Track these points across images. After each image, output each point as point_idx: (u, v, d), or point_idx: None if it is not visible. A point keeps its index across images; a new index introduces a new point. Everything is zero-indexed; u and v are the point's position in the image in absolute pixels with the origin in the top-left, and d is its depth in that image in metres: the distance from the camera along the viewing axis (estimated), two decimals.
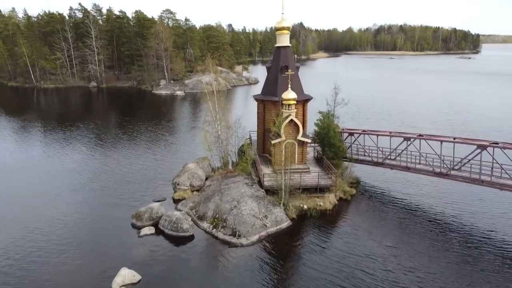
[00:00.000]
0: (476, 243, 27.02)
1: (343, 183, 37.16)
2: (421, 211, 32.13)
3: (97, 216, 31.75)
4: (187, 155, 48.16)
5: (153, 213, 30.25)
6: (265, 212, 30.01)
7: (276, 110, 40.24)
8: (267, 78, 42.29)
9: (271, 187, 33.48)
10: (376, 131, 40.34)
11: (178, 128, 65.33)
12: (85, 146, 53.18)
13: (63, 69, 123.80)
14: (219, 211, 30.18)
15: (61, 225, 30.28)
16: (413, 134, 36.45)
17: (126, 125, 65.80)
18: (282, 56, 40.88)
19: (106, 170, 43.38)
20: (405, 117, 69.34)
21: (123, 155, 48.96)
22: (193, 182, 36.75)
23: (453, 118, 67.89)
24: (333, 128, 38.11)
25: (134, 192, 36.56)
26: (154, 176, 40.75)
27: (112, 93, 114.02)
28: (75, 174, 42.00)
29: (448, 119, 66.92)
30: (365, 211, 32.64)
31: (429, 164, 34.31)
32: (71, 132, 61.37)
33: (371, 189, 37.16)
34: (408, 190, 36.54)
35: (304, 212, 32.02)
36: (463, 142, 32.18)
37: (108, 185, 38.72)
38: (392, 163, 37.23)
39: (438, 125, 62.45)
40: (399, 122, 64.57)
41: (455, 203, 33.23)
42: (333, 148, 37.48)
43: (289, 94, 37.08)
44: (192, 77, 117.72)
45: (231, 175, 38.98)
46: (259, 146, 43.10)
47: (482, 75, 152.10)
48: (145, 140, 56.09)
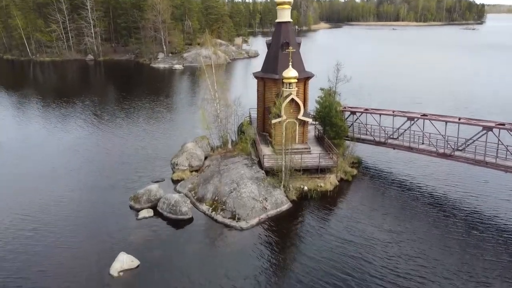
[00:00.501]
0: (479, 228, 26.65)
1: (344, 163, 36.57)
2: (423, 193, 31.67)
3: (95, 198, 31.27)
4: (185, 133, 47.29)
5: (151, 195, 29.80)
6: (265, 195, 29.56)
7: (276, 88, 39.22)
8: (267, 55, 41.03)
9: (271, 168, 32.92)
10: (378, 109, 39.42)
11: (177, 104, 64.21)
12: (81, 125, 52.20)
13: (59, 42, 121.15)
14: (219, 193, 29.72)
15: (57, 209, 29.76)
16: (416, 114, 35.57)
17: (123, 101, 64.63)
18: (283, 32, 39.48)
19: (103, 149, 42.68)
20: (407, 93, 68.06)
21: (120, 134, 48.12)
22: (192, 162, 36.16)
23: (456, 95, 66.59)
24: (335, 107, 37.19)
25: (132, 172, 36.02)
26: (152, 156, 40.14)
27: (110, 66, 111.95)
28: (71, 155, 41.27)
29: (452, 95, 65.67)
30: (366, 193, 32.20)
31: (433, 145, 33.63)
32: (67, 109, 60.22)
33: (373, 170, 36.63)
34: (410, 171, 35.99)
35: (304, 194, 31.59)
36: (468, 123, 31.37)
37: (105, 165, 38.11)
38: (395, 143, 36.54)
39: (441, 101, 61.30)
40: (401, 98, 63.39)
41: (459, 185, 32.71)
42: (335, 127, 36.69)
43: (290, 72, 35.96)
44: (190, 50, 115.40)
45: (230, 154, 38.34)
46: (259, 125, 42.31)
47: (487, 48, 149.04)
48: (143, 118, 55.10)
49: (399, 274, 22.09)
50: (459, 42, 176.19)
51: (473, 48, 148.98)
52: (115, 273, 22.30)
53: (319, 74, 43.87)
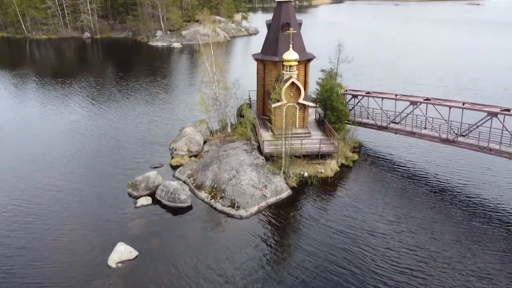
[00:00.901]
0: (482, 217, 26.30)
1: (345, 148, 36.07)
2: (425, 180, 31.21)
3: (92, 185, 30.81)
4: (184, 116, 46.66)
5: (149, 183, 29.40)
6: (265, 182, 29.15)
7: (277, 71, 38.33)
8: (267, 36, 39.88)
9: (271, 154, 32.43)
10: (380, 93, 38.54)
11: (175, 85, 63.03)
12: (77, 108, 51.18)
13: (54, 19, 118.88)
14: (218, 180, 29.31)
15: (53, 197, 29.28)
16: (419, 98, 34.78)
17: (120, 82, 63.54)
18: (283, 12, 38.25)
19: (99, 133, 41.98)
20: (410, 73, 66.74)
21: (117, 117, 47.29)
22: (191, 147, 35.63)
23: (460, 75, 65.40)
24: (336, 91, 36.37)
25: (129, 158, 35.52)
26: (150, 140, 39.54)
27: (107, 44, 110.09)
28: (66, 139, 40.52)
29: (456, 76, 64.44)
30: (366, 179, 31.74)
31: (436, 130, 33.00)
32: (63, 91, 59.19)
33: (374, 155, 36.10)
34: (412, 157, 35.41)
35: (304, 180, 31.21)
36: (472, 109, 30.63)
37: (101, 150, 37.48)
38: (397, 128, 35.90)
39: (444, 82, 60.20)
40: (403, 79, 62.25)
41: (461, 172, 32.18)
42: (336, 112, 36.01)
43: (291, 54, 35.01)
44: (189, 28, 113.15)
45: (229, 139, 37.81)
46: (259, 108, 41.57)
47: (492, 25, 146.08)
48: (140, 100, 54.11)
49: (400, 265, 21.85)
50: (464, 19, 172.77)
51: (479, 25, 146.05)
52: (113, 264, 22.09)
53: (320, 53, 42.91)
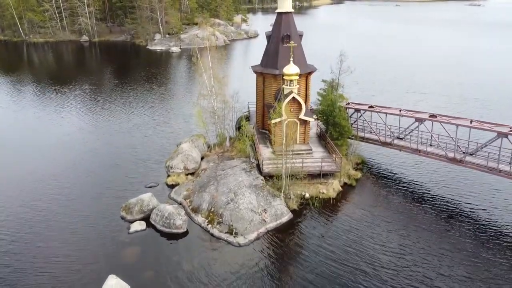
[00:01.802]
0: (490, 242, 25.06)
1: (348, 164, 34.83)
2: (431, 203, 29.86)
3: (82, 208, 29.32)
4: (180, 129, 45.13)
5: (144, 206, 28.12)
6: (264, 206, 27.87)
7: (277, 84, 37.09)
8: (267, 48, 38.57)
9: (271, 174, 31.15)
10: (384, 107, 37.28)
11: (172, 95, 61.01)
12: (70, 119, 49.35)
13: (52, 22, 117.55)
14: (215, 204, 28.03)
15: (39, 222, 27.74)
16: (425, 114, 33.52)
17: (115, 91, 61.80)
18: (283, 23, 36.99)
19: (91, 149, 40.17)
20: (412, 80, 65.36)
21: (110, 130, 45.60)
22: (188, 165, 34.34)
23: (464, 81, 64.07)
24: (338, 107, 35.08)
25: (123, 176, 34.07)
26: (145, 156, 38.07)
27: (105, 48, 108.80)
28: (56, 155, 38.76)
29: (459, 83, 63.06)
30: (371, 200, 30.47)
31: (442, 148, 31.73)
32: (57, 100, 57.67)
33: (377, 172, 34.79)
34: (418, 176, 34.03)
35: (306, 201, 29.95)
36: (481, 128, 29.33)
37: (94, 168, 35.86)
38: (401, 144, 34.64)
39: (448, 91, 58.74)
40: (406, 87, 60.90)
41: (470, 193, 30.78)
42: (338, 127, 34.71)
43: (291, 68, 33.76)
44: (188, 31, 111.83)
45: (228, 155, 36.57)
46: (258, 121, 40.32)
47: (494, 27, 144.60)
48: (136, 111, 52.21)
49: None
50: (466, 20, 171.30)
51: (482, 27, 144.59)
52: None
53: (321, 58, 41.71)
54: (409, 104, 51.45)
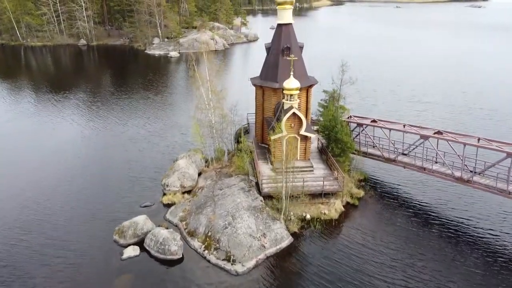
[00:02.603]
0: (503, 272, 23.84)
1: (350, 181, 33.68)
2: (438, 225, 28.59)
3: (74, 230, 28.07)
4: (176, 142, 43.60)
5: (137, 229, 26.92)
6: (264, 230, 26.65)
7: (276, 98, 35.90)
8: (267, 60, 37.33)
9: (271, 194, 29.94)
10: (388, 122, 36.06)
11: (168, 104, 58.76)
12: (63, 132, 47.44)
13: (50, 26, 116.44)
14: (212, 227, 26.82)
15: (27, 246, 26.37)
16: (430, 131, 32.31)
17: (111, 100, 59.86)
18: (283, 35, 35.76)
19: (84, 165, 38.41)
20: (414, 88, 63.79)
21: (104, 144, 43.83)
22: (184, 183, 33.14)
23: (467, 90, 62.65)
24: (340, 122, 33.87)
25: (117, 195, 32.75)
26: (140, 173, 36.61)
27: (103, 52, 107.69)
28: (47, 172, 37.07)
29: (462, 91, 61.74)
30: (374, 222, 29.22)
31: (448, 166, 30.52)
32: (51, 109, 56.18)
33: (381, 191, 33.54)
34: (423, 195, 32.72)
35: (307, 223, 28.76)
36: (489, 148, 28.10)
37: (86, 186, 34.33)
38: (405, 161, 33.43)
39: (451, 100, 57.41)
40: (409, 96, 59.45)
41: (479, 216, 29.45)
42: (340, 144, 33.50)
43: (291, 82, 32.57)
44: (187, 35, 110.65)
45: (226, 171, 35.40)
46: (257, 135, 39.09)
47: (496, 30, 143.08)
48: (131, 122, 50.26)
49: None
50: (467, 23, 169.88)
51: (483, 31, 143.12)
52: None
53: (321, 64, 40.37)
54: (412, 115, 50.50)
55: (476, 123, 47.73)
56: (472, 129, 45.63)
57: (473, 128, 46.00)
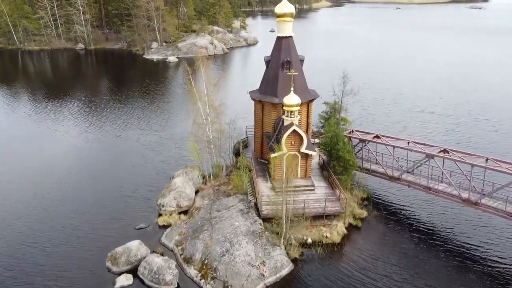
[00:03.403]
0: None
1: (352, 200, 32.52)
2: (445, 250, 27.31)
3: (64, 257, 26.69)
4: (171, 157, 41.95)
5: (131, 256, 25.73)
6: (263, 257, 25.45)
7: (276, 113, 34.78)
8: (266, 74, 36.17)
9: (270, 216, 28.76)
10: (391, 138, 34.90)
11: (165, 114, 56.31)
12: (54, 145, 45.70)
13: (47, 30, 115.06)
14: (209, 254, 25.63)
15: (13, 277, 25.01)
16: (435, 149, 31.18)
17: (105, 111, 57.74)
18: (283, 48, 34.60)
19: (75, 182, 36.83)
20: (417, 97, 62.15)
21: (97, 159, 41.96)
22: (181, 203, 31.95)
23: (471, 99, 60.89)
24: (342, 139, 32.68)
25: (110, 217, 31.33)
26: (134, 191, 35.14)
27: (101, 56, 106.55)
28: (35, 193, 35.10)
29: (466, 100, 60.24)
30: (378, 246, 27.98)
31: (455, 186, 29.34)
32: (42, 120, 54.13)
33: (385, 210, 32.31)
34: (429, 216, 31.40)
35: (308, 247, 27.59)
36: (499, 170, 26.93)
37: (77, 207, 32.62)
38: (410, 180, 32.29)
39: (454, 109, 56.03)
40: (410, 105, 58.00)
41: (489, 241, 28.13)
42: (342, 162, 32.30)
43: (292, 99, 31.47)
44: (186, 39, 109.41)
45: (224, 188, 34.22)
46: (257, 150, 37.95)
47: (500, 34, 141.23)
48: (125, 134, 48.67)
49: None
50: (470, 26, 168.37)
51: (486, 34, 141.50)
52: None
53: (321, 72, 39.12)
54: (415, 126, 49.32)
55: (481, 135, 46.49)
56: (477, 141, 44.52)
57: (478, 140, 44.87)
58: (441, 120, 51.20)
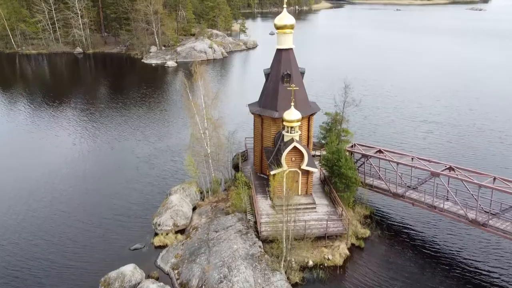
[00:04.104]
0: None
1: (355, 218, 31.50)
2: (453, 275, 26.16)
3: (54, 284, 25.64)
4: (167, 171, 40.58)
5: (125, 282, 24.67)
6: (262, 283, 24.41)
7: (276, 127, 33.81)
8: (265, 87, 35.14)
9: (270, 238, 27.74)
10: (394, 153, 33.84)
11: (161, 124, 54.82)
12: (45, 158, 43.74)
13: (45, 33, 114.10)
14: (206, 280, 24.60)
15: None
16: (441, 165, 30.15)
17: (101, 120, 56.28)
18: (283, 61, 33.59)
19: (67, 201, 35.42)
20: (419, 105, 60.80)
21: (90, 174, 40.50)
22: (177, 221, 30.94)
23: (476, 108, 59.47)
24: (345, 156, 31.63)
25: (104, 237, 30.29)
26: (128, 209, 33.94)
27: (99, 61, 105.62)
28: (27, 214, 33.65)
29: (470, 109, 58.87)
30: (381, 268, 26.94)
31: (461, 205, 28.29)
32: (34, 133, 52.49)
33: (388, 229, 31.18)
34: (436, 237, 30.30)
35: (309, 271, 26.57)
36: (507, 192, 25.86)
37: (70, 228, 31.27)
38: (414, 197, 31.21)
39: (458, 119, 54.82)
40: (413, 114, 56.71)
41: (499, 266, 27.08)
42: (345, 179, 31.25)
43: (292, 114, 30.48)
44: (185, 43, 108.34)
45: (222, 205, 33.22)
46: (256, 164, 36.95)
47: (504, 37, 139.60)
48: (120, 145, 47.43)
49: None
50: (472, 28, 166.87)
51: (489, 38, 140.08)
52: None
53: (322, 78, 37.96)
54: (418, 137, 48.24)
55: (486, 147, 45.19)
56: (483, 153, 43.42)
57: (483, 152, 43.73)
58: (444, 130, 50.02)
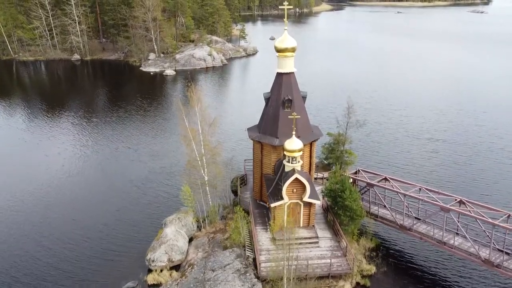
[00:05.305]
0: None
1: (359, 252, 29.92)
2: None
3: None
4: (163, 197, 38.67)
5: None
6: None
7: (276, 155, 32.29)
8: (265, 112, 33.52)
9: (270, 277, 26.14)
10: (401, 181, 32.24)
11: (156, 141, 52.64)
12: (34, 189, 40.41)
13: (42, 40, 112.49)
14: None
15: None
16: (451, 199, 28.57)
17: (94, 137, 54.10)
18: (284, 85, 31.98)
19: (55, 233, 33.33)
20: (424, 120, 58.88)
21: (79, 201, 38.21)
22: (172, 257, 29.32)
23: (482, 123, 57.46)
24: (349, 187, 29.98)
25: (94, 274, 28.58)
26: (120, 242, 32.22)
27: (97, 69, 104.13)
28: (17, 250, 31.55)
29: (476, 125, 56.89)
30: None
31: (472, 243, 26.68)
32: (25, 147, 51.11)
33: (395, 265, 29.49)
34: (447, 275, 28.59)
35: None
36: None
37: (55, 266, 29.40)
38: (422, 231, 29.61)
39: (465, 136, 52.83)
40: (417, 130, 54.97)
41: None
42: (349, 212, 29.65)
43: (294, 144, 28.97)
44: (184, 50, 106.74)
45: (220, 238, 31.63)
46: (256, 191, 35.37)
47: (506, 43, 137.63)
48: (110, 167, 45.23)
49: None
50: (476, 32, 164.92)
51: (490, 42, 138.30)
52: None
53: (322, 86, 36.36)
54: (424, 157, 46.53)
55: (495, 170, 43.05)
56: (492, 178, 41.48)
57: (492, 177, 41.71)
58: (451, 150, 48.11)
